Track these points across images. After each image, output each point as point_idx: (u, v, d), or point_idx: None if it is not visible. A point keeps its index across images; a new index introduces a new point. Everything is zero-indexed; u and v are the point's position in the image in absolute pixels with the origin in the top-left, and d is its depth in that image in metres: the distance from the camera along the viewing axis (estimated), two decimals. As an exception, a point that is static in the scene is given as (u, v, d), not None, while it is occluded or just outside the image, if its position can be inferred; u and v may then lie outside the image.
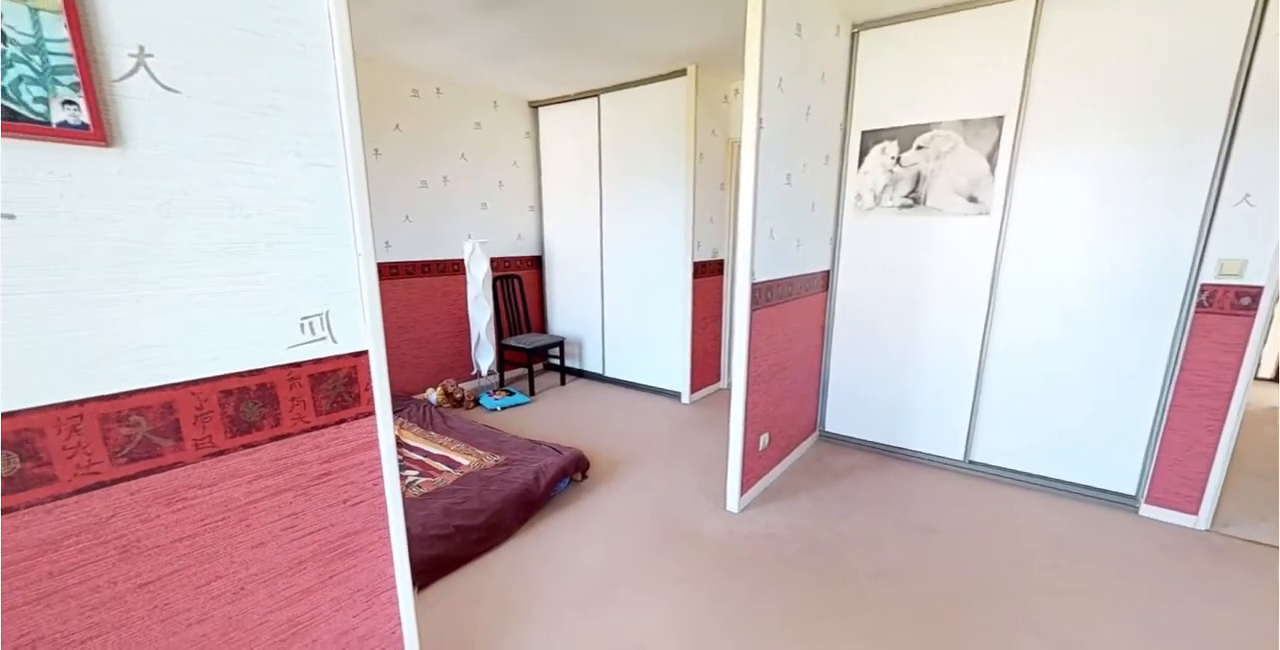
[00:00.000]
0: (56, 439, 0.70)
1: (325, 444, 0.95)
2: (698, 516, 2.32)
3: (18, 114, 0.62)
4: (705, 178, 3.57)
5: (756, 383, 2.34)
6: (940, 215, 2.58)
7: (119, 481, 0.76)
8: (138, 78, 0.71)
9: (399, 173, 3.48)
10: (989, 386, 2.61)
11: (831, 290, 2.95)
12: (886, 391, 2.88)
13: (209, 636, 0.88)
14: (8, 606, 0.70)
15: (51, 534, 0.72)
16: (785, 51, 2.13)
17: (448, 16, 2.59)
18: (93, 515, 0.74)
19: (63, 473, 0.71)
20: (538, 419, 3.50)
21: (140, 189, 0.73)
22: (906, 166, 2.64)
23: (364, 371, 0.98)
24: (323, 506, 0.98)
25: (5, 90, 0.61)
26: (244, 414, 0.85)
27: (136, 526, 0.78)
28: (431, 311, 3.79)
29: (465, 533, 2.02)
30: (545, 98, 4.13)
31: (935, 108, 2.51)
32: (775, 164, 2.21)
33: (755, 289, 2.20)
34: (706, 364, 3.96)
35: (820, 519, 2.30)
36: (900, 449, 2.90)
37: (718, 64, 3.29)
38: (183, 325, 0.79)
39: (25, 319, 0.67)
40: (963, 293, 2.59)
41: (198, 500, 0.83)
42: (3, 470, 0.67)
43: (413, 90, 3.49)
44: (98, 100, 0.67)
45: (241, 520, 0.88)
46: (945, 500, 2.47)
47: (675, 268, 3.67)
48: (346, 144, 0.93)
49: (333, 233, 0.93)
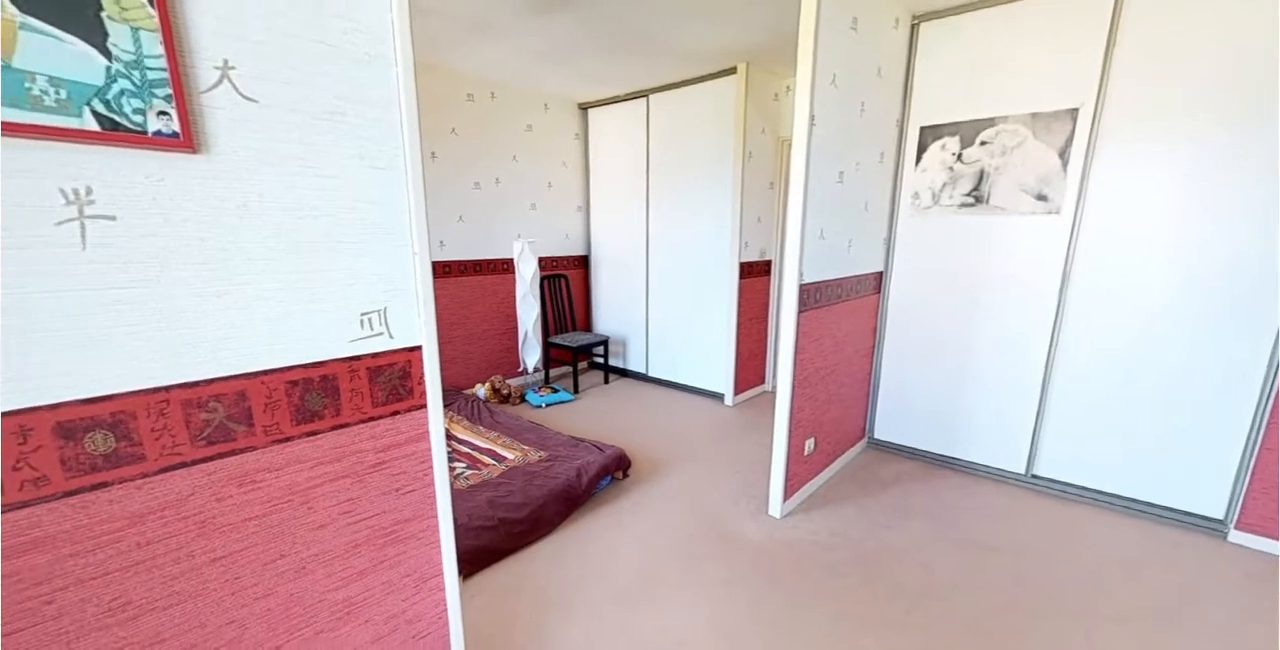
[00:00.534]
0: (146, 421, 0.77)
1: (380, 434, 1.00)
2: (738, 520, 2.30)
3: (119, 124, 0.69)
4: (754, 177, 3.52)
5: (802, 386, 2.29)
6: (1005, 214, 2.45)
7: (198, 462, 0.82)
8: (222, 89, 0.76)
9: (454, 174, 3.60)
10: (1056, 396, 2.45)
11: (884, 292, 2.85)
12: (941, 399, 2.76)
13: (273, 611, 0.95)
14: (104, 572, 0.77)
15: (138, 509, 0.78)
16: (840, 46, 2.07)
17: (504, 21, 2.66)
18: (175, 493, 0.80)
19: (151, 452, 0.78)
20: (581, 416, 3.55)
21: (221, 192, 0.79)
22: (968, 163, 2.52)
23: (417, 366, 1.03)
24: (377, 494, 1.03)
25: (110, 103, 0.67)
26: (308, 403, 0.91)
27: (212, 505, 0.84)
28: (481, 309, 3.90)
29: (509, 525, 2.07)
30: (595, 99, 4.18)
31: (1001, 101, 2.38)
32: (827, 162, 2.15)
33: (803, 290, 2.15)
34: (751, 366, 3.90)
35: (866, 529, 2.23)
36: (954, 459, 2.77)
37: (769, 61, 3.24)
38: (255, 319, 0.85)
39: (124, 311, 0.73)
40: (1028, 296, 2.44)
41: (266, 483, 0.89)
42: (102, 448, 0.74)
43: (468, 95, 3.60)
44: (187, 110, 0.73)
45: (304, 503, 0.94)
46: (1003, 515, 2.34)
47: (721, 268, 3.64)
48: (406, 148, 0.97)
49: (391, 232, 0.98)
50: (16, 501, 0.69)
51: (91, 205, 0.69)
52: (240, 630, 0.91)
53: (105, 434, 0.74)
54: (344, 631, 1.05)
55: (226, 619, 0.89)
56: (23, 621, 0.72)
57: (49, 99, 0.64)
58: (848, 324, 2.58)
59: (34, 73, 0.63)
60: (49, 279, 0.68)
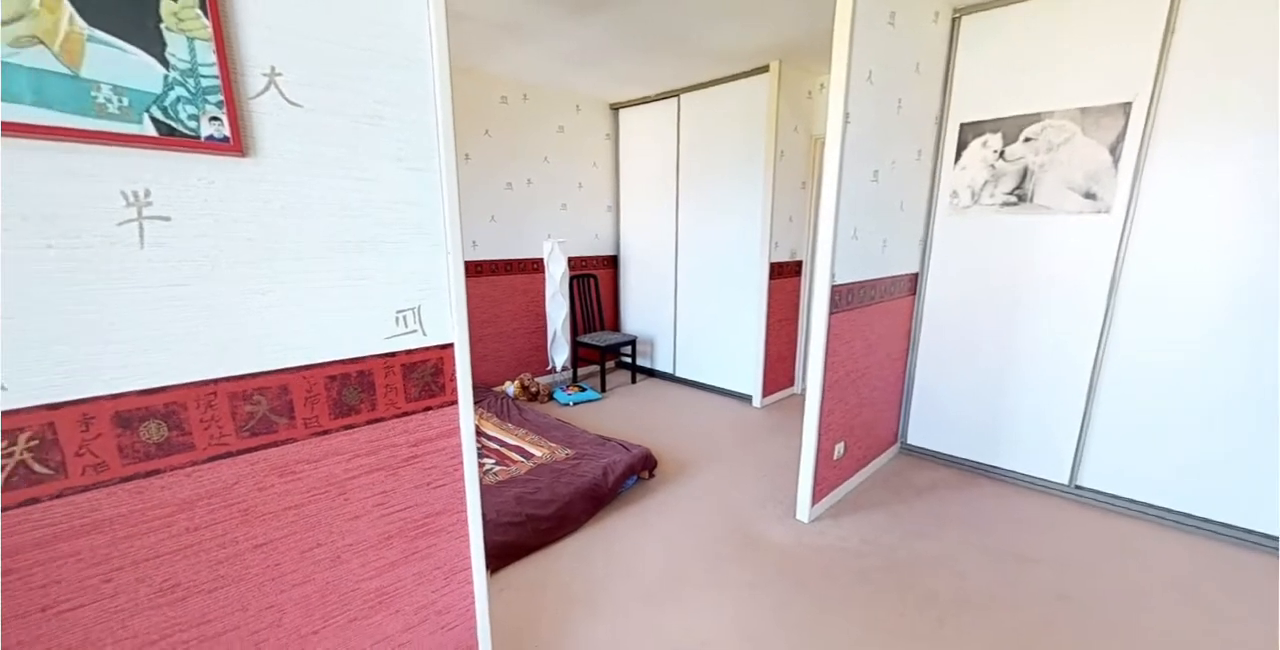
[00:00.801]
0: (196, 412, 0.80)
1: (413, 429, 1.03)
2: (765, 523, 2.27)
3: (175, 130, 0.72)
4: (786, 176, 3.47)
5: (832, 389, 2.25)
6: (1050, 213, 2.35)
7: (243, 453, 0.86)
8: (269, 94, 0.80)
9: (486, 175, 3.66)
10: (1103, 405, 2.34)
11: (919, 294, 2.77)
12: (978, 404, 2.67)
13: (310, 598, 0.98)
14: (156, 554, 0.81)
15: (188, 496, 0.82)
16: (877, 42, 2.02)
17: (538, 24, 2.69)
18: (221, 481, 0.84)
19: (200, 442, 0.82)
20: (608, 415, 3.56)
21: (267, 193, 0.82)
22: (1011, 161, 2.43)
23: (449, 363, 1.05)
24: (409, 487, 1.05)
25: (166, 109, 0.71)
26: (346, 398, 0.94)
27: (254, 494, 0.88)
28: (511, 308, 3.96)
29: (536, 522, 2.09)
30: (626, 99, 4.19)
31: (1048, 95, 2.29)
32: (862, 160, 2.11)
33: (835, 291, 2.11)
34: (780, 368, 3.85)
35: (899, 536, 2.17)
36: (992, 468, 2.68)
37: (803, 58, 3.19)
38: (299, 316, 0.88)
39: (178, 307, 0.77)
40: (1074, 299, 2.34)
41: (305, 474, 0.92)
42: (156, 437, 0.78)
43: (502, 97, 3.66)
44: (237, 115, 0.77)
45: (341, 494, 0.97)
46: (1044, 527, 2.25)
47: (751, 268, 3.60)
48: (441, 150, 0.99)
49: (427, 232, 1.00)
50: (79, 485, 0.73)
51: (149, 206, 0.73)
52: (279, 615, 0.95)
53: (159, 424, 0.78)
54: (376, 620, 1.08)
55: (266, 604, 0.93)
56: (85, 597, 0.76)
57: (112, 106, 0.68)
58: (881, 326, 2.52)
59: (99, 82, 0.67)
60: (111, 276, 0.72)
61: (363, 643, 1.06)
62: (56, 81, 0.65)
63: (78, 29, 0.65)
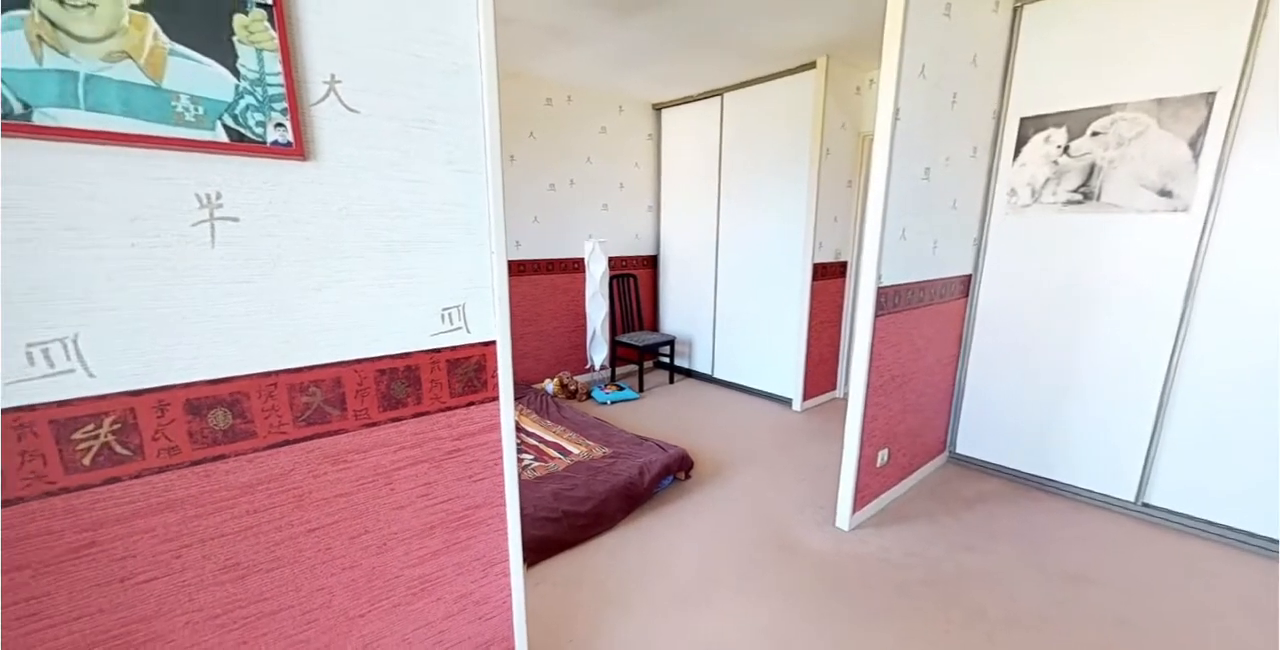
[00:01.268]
0: (258, 401, 0.85)
1: (456, 424, 1.06)
2: (803, 529, 2.22)
3: (244, 136, 0.77)
4: (831, 175, 3.39)
5: (877, 394, 2.18)
6: (1119, 212, 2.21)
7: (299, 441, 0.91)
8: (329, 101, 0.84)
9: (530, 177, 3.72)
10: (1176, 418, 2.18)
11: (972, 297, 2.66)
12: (1034, 414, 2.53)
13: (358, 582, 1.03)
14: (220, 533, 0.87)
15: (249, 480, 0.87)
16: (931, 34, 1.95)
17: (584, 27, 2.72)
18: (279, 467, 0.89)
19: (261, 430, 0.87)
20: (645, 415, 3.57)
21: (325, 195, 0.87)
22: (1076, 156, 2.30)
23: (491, 360, 1.08)
24: (451, 479, 1.09)
25: (237, 117, 0.76)
26: (393, 392, 0.98)
27: (309, 481, 0.92)
28: (552, 307, 4.02)
29: (572, 518, 2.12)
30: (669, 99, 4.19)
31: (1119, 87, 2.15)
32: (912, 158, 2.03)
33: (881, 293, 2.05)
34: (821, 371, 3.77)
35: (944, 549, 2.09)
36: (1048, 481, 2.54)
37: (851, 54, 3.11)
38: (352, 312, 0.92)
39: (244, 303, 0.82)
40: (1145, 304, 2.19)
41: (355, 463, 0.97)
42: (222, 424, 0.83)
43: (546, 99, 3.72)
44: (300, 122, 0.81)
45: (387, 484, 1.01)
46: (1105, 546, 2.12)
47: (793, 269, 3.54)
48: (487, 152, 1.02)
49: (473, 232, 1.03)
50: (155, 467, 0.79)
51: (220, 208, 0.78)
52: (328, 597, 1.00)
53: (225, 411, 0.83)
54: (418, 606, 1.12)
55: (317, 586, 0.98)
56: (158, 571, 0.82)
57: (189, 115, 0.73)
58: (929, 329, 2.43)
59: (179, 92, 0.72)
60: (185, 273, 0.77)
61: (406, 627, 1.11)
62: (142, 93, 0.70)
63: (161, 44, 0.70)
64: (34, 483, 0.70)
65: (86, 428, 0.73)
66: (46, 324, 0.69)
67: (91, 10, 0.65)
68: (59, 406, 0.70)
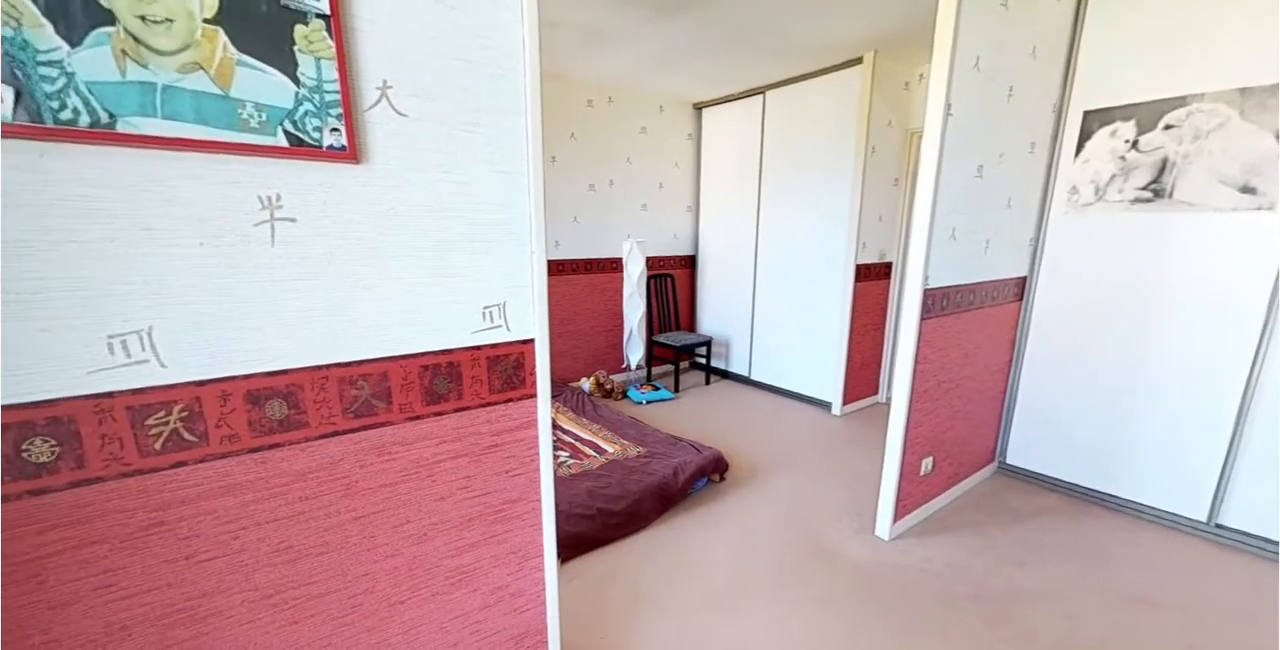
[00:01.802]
0: (311, 393, 0.90)
1: (495, 419, 1.09)
2: (841, 537, 2.17)
3: (303, 140, 0.81)
4: (877, 173, 3.29)
5: (921, 400, 2.10)
6: (1194, 211, 2.06)
7: (347, 432, 0.95)
8: (380, 106, 0.87)
9: (571, 177, 3.77)
10: (1256, 434, 2.02)
11: (1027, 300, 2.53)
12: (1094, 425, 2.39)
13: (399, 570, 1.06)
14: (274, 518, 0.91)
15: (301, 468, 0.92)
16: (987, 25, 1.87)
17: (626, 28, 2.73)
18: (329, 457, 0.93)
19: (313, 420, 0.91)
20: (680, 415, 3.56)
21: (376, 197, 0.90)
22: (1147, 152, 2.15)
23: (530, 358, 1.10)
24: (490, 473, 1.11)
25: (296, 122, 0.80)
26: (436, 387, 1.01)
27: (356, 470, 0.96)
28: (590, 306, 4.06)
29: (606, 516, 2.13)
30: (709, 99, 4.16)
31: (1196, 76, 2.00)
32: (964, 154, 1.95)
33: (928, 295, 1.98)
34: (863, 375, 3.66)
35: (992, 564, 2.00)
36: (1108, 496, 2.39)
37: (900, 48, 3.01)
38: (399, 309, 0.96)
39: (300, 299, 0.87)
40: (1223, 309, 2.03)
41: (399, 455, 1.00)
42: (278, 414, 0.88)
43: (588, 100, 3.75)
44: (354, 126, 0.85)
45: (429, 476, 1.04)
46: (1172, 567, 1.98)
47: (835, 270, 3.45)
48: (529, 154, 1.04)
49: (514, 232, 1.05)
50: (218, 452, 0.84)
51: (280, 209, 0.82)
52: (372, 583, 1.04)
53: (281, 402, 0.87)
54: (456, 596, 1.15)
55: (362, 572, 1.02)
56: (217, 550, 0.87)
57: (254, 121, 0.78)
58: (980, 334, 2.33)
59: (245, 100, 0.77)
60: (246, 270, 0.82)
61: (444, 616, 1.14)
62: (212, 101, 0.75)
63: (229, 55, 0.75)
64: (112, 464, 0.76)
65: (158, 414, 0.78)
66: (123, 317, 0.74)
67: (170, 25, 0.70)
68: (134, 394, 0.76)
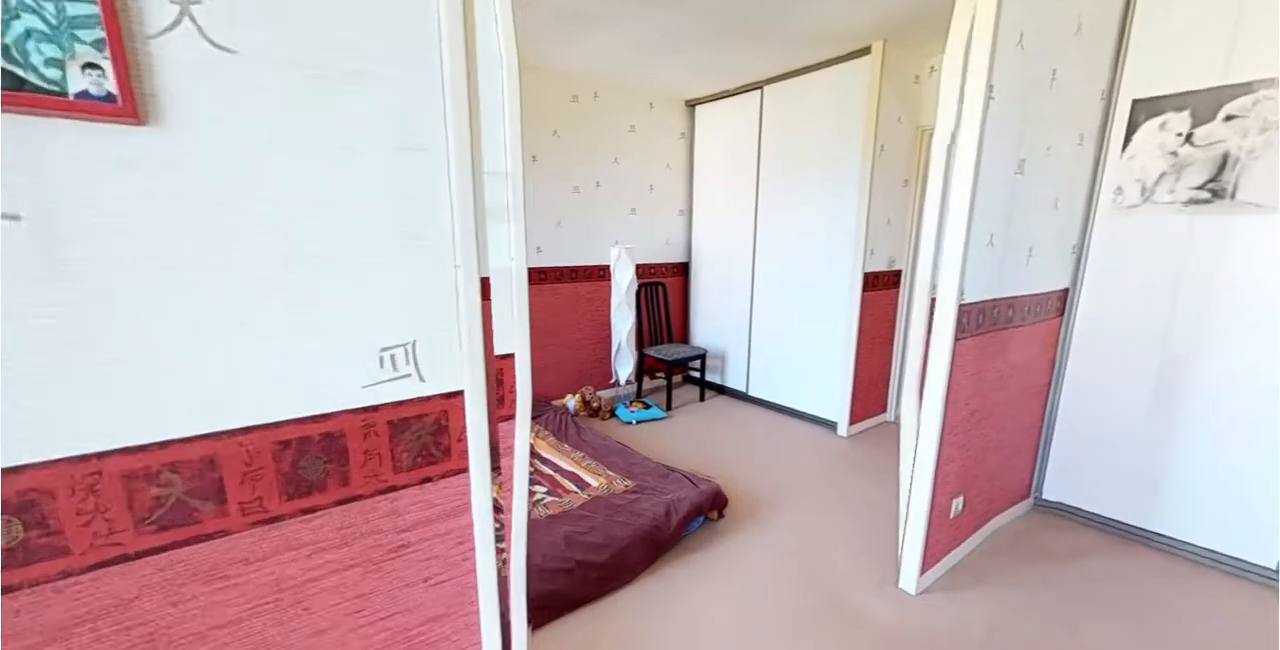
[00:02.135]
0: (69, 502, 0.55)
1: (404, 509, 0.74)
2: (860, 591, 1.85)
3: (24, 81, 0.48)
4: (885, 173, 3.01)
5: (954, 432, 1.80)
6: (1258, 213, 1.79)
7: (147, 554, 0.60)
8: (180, 31, 0.53)
9: (553, 178, 3.48)
10: (1342, 471, 1.73)
11: (1068, 315, 2.23)
12: (1143, 455, 2.10)
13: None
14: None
15: (60, 619, 0.57)
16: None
17: (610, 9, 2.43)
18: (113, 595, 0.58)
19: (77, 543, 0.56)
20: (673, 437, 3.25)
21: (180, 182, 0.56)
22: (1202, 146, 1.88)
23: (457, 417, 0.76)
24: (399, 586, 0.77)
25: (8, 48, 0.47)
26: (304, 471, 0.67)
27: (165, 611, 0.61)
28: (575, 317, 3.76)
29: (587, 569, 1.82)
30: (704, 95, 3.89)
31: (1266, 60, 1.73)
32: (1002, 148, 1.66)
33: (962, 312, 1.67)
34: (871, 392, 3.37)
35: (1037, 622, 1.69)
36: (1157, 536, 2.09)
37: (912, 36, 2.73)
38: (234, 359, 0.62)
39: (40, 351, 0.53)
40: (1298, 328, 1.75)
41: (243, 578, 0.66)
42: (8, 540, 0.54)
43: (573, 96, 3.47)
44: (128, 62, 0.51)
45: (298, 603, 0.70)
46: (1240, 624, 1.69)
47: (840, 279, 3.16)
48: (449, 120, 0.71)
49: (427, 241, 0.72)
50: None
51: None
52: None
53: (13, 521, 0.53)
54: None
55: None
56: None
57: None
58: (1017, 354, 2.03)
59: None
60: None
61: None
62: None
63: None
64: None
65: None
66: None
67: None
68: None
